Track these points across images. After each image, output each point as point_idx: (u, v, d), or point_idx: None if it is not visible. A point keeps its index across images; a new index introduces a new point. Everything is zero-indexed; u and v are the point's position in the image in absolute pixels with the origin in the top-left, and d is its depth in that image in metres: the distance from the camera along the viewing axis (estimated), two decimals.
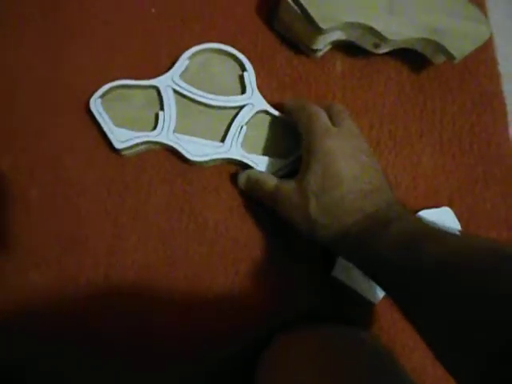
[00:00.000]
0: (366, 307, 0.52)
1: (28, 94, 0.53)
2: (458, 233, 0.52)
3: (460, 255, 0.36)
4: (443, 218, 0.54)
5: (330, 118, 0.48)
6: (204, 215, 0.52)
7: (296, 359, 0.44)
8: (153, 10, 0.57)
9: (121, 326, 0.49)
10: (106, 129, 0.50)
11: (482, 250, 0.36)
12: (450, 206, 0.55)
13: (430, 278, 0.36)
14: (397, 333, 0.52)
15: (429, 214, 0.54)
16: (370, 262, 0.43)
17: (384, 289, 0.44)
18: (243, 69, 0.55)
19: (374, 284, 0.50)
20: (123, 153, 0.51)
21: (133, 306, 0.50)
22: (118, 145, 0.50)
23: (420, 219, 0.44)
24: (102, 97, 0.51)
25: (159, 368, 0.49)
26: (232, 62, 0.56)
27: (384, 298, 0.51)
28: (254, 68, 0.55)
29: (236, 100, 0.54)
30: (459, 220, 0.54)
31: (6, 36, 0.55)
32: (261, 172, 0.51)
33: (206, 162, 0.52)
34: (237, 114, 0.53)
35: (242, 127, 0.53)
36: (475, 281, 0.33)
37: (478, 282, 0.33)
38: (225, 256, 0.51)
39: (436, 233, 0.40)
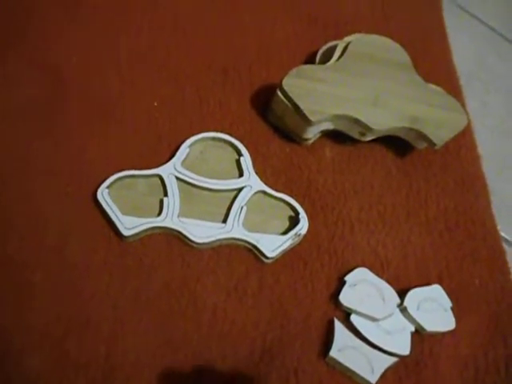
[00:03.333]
0: None
1: (37, 182, 0.56)
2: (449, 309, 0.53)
3: None
4: (434, 295, 0.56)
5: None
6: (203, 298, 0.53)
7: None
8: (155, 104, 0.62)
9: None
10: (113, 217, 0.53)
11: None
12: (440, 282, 0.57)
13: None
14: None
15: (420, 293, 0.55)
16: None
17: None
18: (239, 154, 0.59)
19: (371, 363, 0.51)
20: (128, 239, 0.54)
21: None
22: (125, 232, 0.53)
23: None
24: (108, 187, 0.55)
25: None
26: (229, 149, 0.60)
27: (381, 377, 0.51)
28: (250, 155, 0.59)
29: (235, 183, 0.58)
30: (450, 296, 0.56)
31: (16, 125, 0.59)
32: None
33: (210, 242, 0.54)
34: (236, 195, 0.57)
35: (242, 208, 0.56)
36: None
37: None
38: (223, 338, 0.52)
39: None
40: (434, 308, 0.55)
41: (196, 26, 0.70)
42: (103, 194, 0.54)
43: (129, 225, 0.53)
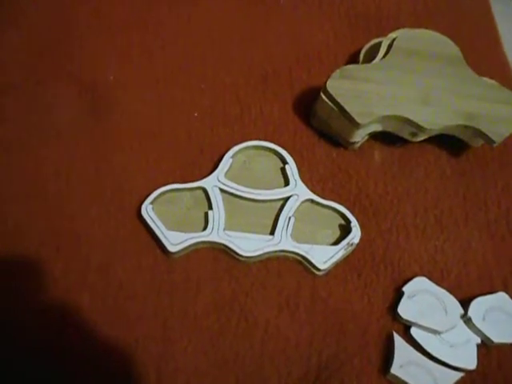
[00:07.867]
0: None
1: (79, 203, 0.56)
2: None
3: None
4: (500, 304, 0.52)
5: None
6: (253, 313, 0.51)
7: None
8: (195, 114, 0.60)
9: None
10: (158, 233, 0.52)
11: None
12: (505, 289, 0.53)
13: None
14: None
15: (484, 301, 0.52)
16: None
17: None
18: (284, 162, 0.57)
19: (436, 379, 0.48)
20: (174, 255, 0.52)
21: None
22: (171, 248, 0.51)
23: None
24: (152, 202, 0.53)
25: None
26: (273, 157, 0.58)
27: None
28: (295, 162, 0.57)
29: (281, 192, 0.55)
30: None
31: (57, 145, 0.59)
32: None
33: (257, 256, 0.52)
34: (282, 205, 0.55)
35: (289, 218, 0.54)
36: None
37: None
38: (277, 357, 0.49)
39: None
40: (500, 317, 0.51)
41: (231, 36, 0.68)
42: (147, 210, 0.53)
43: (174, 240, 0.51)
